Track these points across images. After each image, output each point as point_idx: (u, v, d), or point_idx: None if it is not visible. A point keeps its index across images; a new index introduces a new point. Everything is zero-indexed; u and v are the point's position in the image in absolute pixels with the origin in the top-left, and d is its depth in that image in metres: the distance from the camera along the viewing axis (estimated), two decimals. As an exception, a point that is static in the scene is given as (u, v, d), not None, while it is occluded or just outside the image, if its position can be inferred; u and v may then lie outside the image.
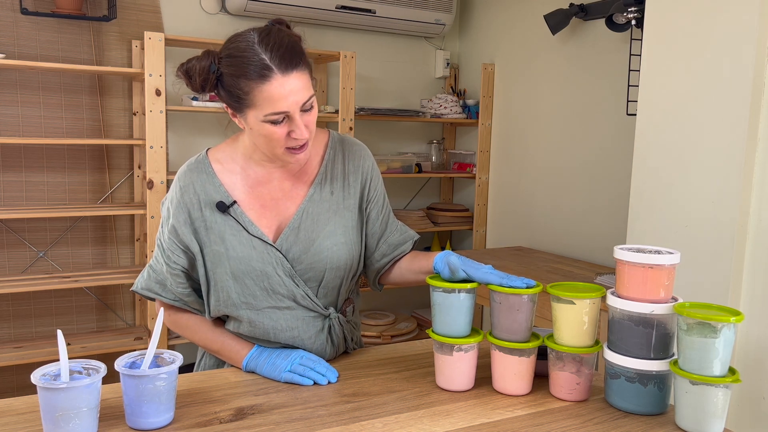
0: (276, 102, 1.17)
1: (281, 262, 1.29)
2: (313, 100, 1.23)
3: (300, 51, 1.22)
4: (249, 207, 1.31)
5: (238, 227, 1.28)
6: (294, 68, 1.18)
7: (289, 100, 1.18)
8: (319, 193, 1.34)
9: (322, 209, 1.33)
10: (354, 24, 3.31)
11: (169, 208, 1.31)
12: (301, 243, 1.30)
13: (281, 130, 1.20)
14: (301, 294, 1.31)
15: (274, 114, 1.18)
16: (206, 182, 1.30)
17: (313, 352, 1.34)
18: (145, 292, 1.35)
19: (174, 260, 1.30)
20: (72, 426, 0.97)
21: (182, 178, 1.32)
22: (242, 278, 1.27)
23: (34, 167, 2.83)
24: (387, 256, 1.42)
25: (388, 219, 1.43)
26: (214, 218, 1.28)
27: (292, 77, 1.18)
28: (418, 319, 3.54)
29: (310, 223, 1.32)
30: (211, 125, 3.14)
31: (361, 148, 1.42)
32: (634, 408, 1.14)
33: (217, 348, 1.35)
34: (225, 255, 1.27)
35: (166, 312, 1.36)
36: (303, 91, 1.20)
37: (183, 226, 1.29)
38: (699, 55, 1.72)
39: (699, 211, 1.72)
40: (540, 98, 3.14)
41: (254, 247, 1.28)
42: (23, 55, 2.73)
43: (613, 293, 1.17)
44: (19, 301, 2.85)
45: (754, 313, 1.63)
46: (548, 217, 3.12)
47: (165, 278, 1.32)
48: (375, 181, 1.41)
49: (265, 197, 1.32)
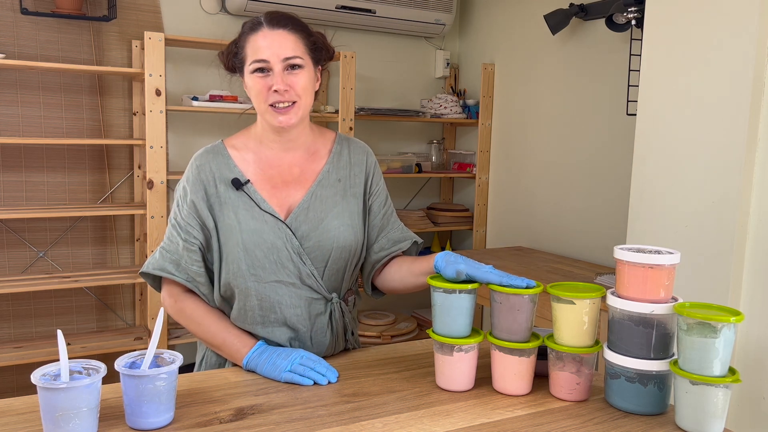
0: (258, 50, 1.31)
1: (290, 239, 1.34)
2: (301, 63, 1.32)
3: (295, 19, 1.36)
4: (261, 187, 1.38)
5: (251, 203, 1.35)
6: (282, 27, 1.32)
7: (271, 50, 1.30)
8: (327, 178, 1.42)
9: (330, 193, 1.41)
10: (354, 24, 3.31)
11: (186, 186, 1.38)
12: (310, 222, 1.37)
13: (263, 81, 1.31)
14: (307, 272, 1.35)
15: (256, 61, 1.31)
16: (221, 163, 1.39)
17: (314, 337, 1.37)
18: (157, 272, 1.36)
19: (194, 235, 1.35)
20: (72, 426, 0.97)
21: (198, 158, 1.40)
22: (253, 250, 1.33)
23: (34, 167, 2.83)
24: (385, 250, 1.46)
25: (390, 216, 1.49)
26: (228, 194, 1.36)
27: (278, 33, 1.31)
28: (418, 319, 3.54)
29: (318, 204, 1.39)
30: (211, 125, 3.14)
31: (365, 146, 1.51)
32: (634, 408, 1.14)
33: (218, 343, 1.35)
34: (237, 228, 1.33)
35: (172, 300, 1.38)
36: (286, 46, 1.31)
37: (200, 202, 1.36)
38: (699, 55, 1.72)
39: (699, 211, 1.72)
40: (540, 98, 3.15)
41: (266, 222, 1.34)
42: (23, 55, 2.74)
43: (613, 293, 1.17)
44: (19, 301, 2.86)
45: (754, 313, 1.63)
46: (548, 217, 3.12)
47: (180, 257, 1.36)
48: (377, 177, 1.49)
49: (276, 179, 1.39)
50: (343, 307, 1.43)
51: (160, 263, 1.37)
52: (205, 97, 2.86)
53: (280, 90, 1.30)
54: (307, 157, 1.43)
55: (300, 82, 1.32)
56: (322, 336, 1.39)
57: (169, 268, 1.36)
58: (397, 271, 1.45)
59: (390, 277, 1.47)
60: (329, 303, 1.40)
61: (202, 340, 1.39)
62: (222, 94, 2.89)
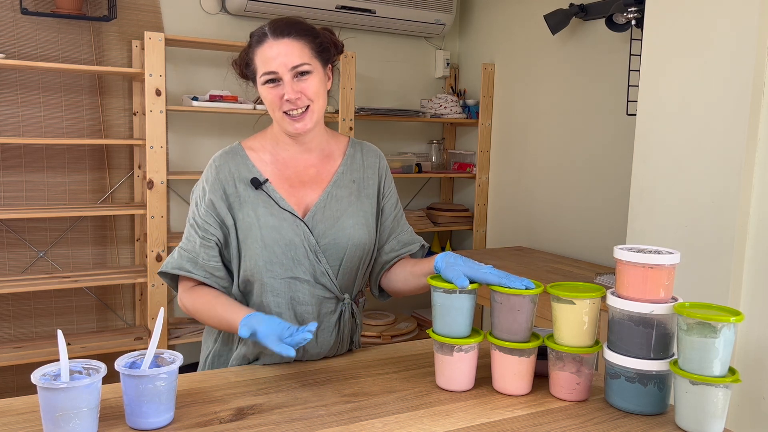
0: (266, 62, 1.33)
1: (307, 236, 1.37)
2: (309, 69, 1.34)
3: (298, 24, 1.36)
4: (279, 186, 1.41)
5: (271, 201, 1.38)
6: (286, 36, 1.33)
7: (278, 60, 1.32)
8: (342, 179, 1.45)
9: (345, 193, 1.44)
10: (354, 24, 3.31)
11: (204, 187, 1.40)
12: (327, 220, 1.40)
13: (275, 91, 1.33)
14: (322, 270, 1.38)
15: (266, 74, 1.33)
16: (240, 163, 1.41)
17: (319, 335, 1.39)
18: (175, 271, 1.37)
19: (211, 232, 1.37)
20: (72, 426, 0.97)
21: (217, 159, 1.42)
22: (272, 246, 1.34)
23: (34, 167, 2.83)
24: (394, 251, 1.49)
25: (401, 219, 1.53)
26: (247, 193, 1.38)
27: (283, 42, 1.33)
28: (418, 319, 3.54)
29: (334, 203, 1.42)
30: (212, 125, 3.14)
31: (377, 150, 1.54)
32: (634, 408, 1.14)
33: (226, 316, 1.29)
34: (257, 224, 1.35)
35: (187, 292, 1.37)
36: (292, 54, 1.32)
37: (219, 201, 1.38)
38: (699, 55, 1.72)
39: (699, 211, 1.72)
40: (540, 98, 3.14)
41: (285, 219, 1.37)
42: (23, 55, 2.74)
43: (613, 293, 1.17)
44: (19, 301, 2.86)
45: (754, 313, 1.63)
46: (548, 217, 3.12)
47: (197, 255, 1.37)
48: (389, 180, 1.53)
49: (293, 180, 1.42)
50: (354, 308, 1.45)
51: (178, 262, 1.37)
52: (205, 97, 2.86)
53: (292, 99, 1.32)
54: (322, 158, 1.45)
55: (310, 87, 1.34)
56: (328, 335, 1.40)
57: (186, 266, 1.36)
58: (400, 272, 1.47)
59: (395, 278, 1.48)
60: (341, 303, 1.42)
61: (214, 325, 1.35)
62: (222, 94, 2.89)
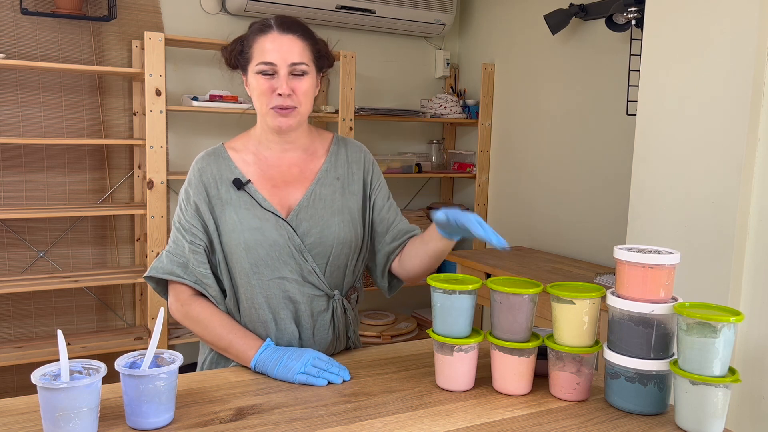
0: (266, 52, 1.33)
1: (292, 236, 1.36)
2: (306, 70, 1.35)
3: (303, 26, 1.38)
4: (262, 187, 1.40)
5: (253, 202, 1.37)
6: (292, 32, 1.34)
7: (279, 53, 1.32)
8: (326, 177, 1.44)
9: (330, 191, 1.43)
10: (354, 24, 3.31)
11: (188, 189, 1.40)
12: (311, 219, 1.39)
13: (268, 83, 1.33)
14: (309, 269, 1.37)
15: (263, 63, 1.33)
16: (222, 165, 1.41)
17: (316, 334, 1.39)
18: (166, 276, 1.36)
19: (198, 236, 1.37)
20: (72, 426, 0.97)
21: (200, 161, 1.42)
22: (255, 248, 1.34)
23: (34, 167, 2.83)
24: (397, 240, 1.48)
25: (397, 211, 1.52)
26: (229, 195, 1.38)
27: (288, 37, 1.34)
28: (418, 319, 3.54)
29: (319, 202, 1.41)
30: (211, 125, 3.14)
31: (361, 145, 1.54)
32: (634, 408, 1.14)
33: (225, 346, 1.34)
34: (239, 227, 1.35)
35: (179, 303, 1.37)
36: (294, 51, 1.33)
37: (203, 204, 1.38)
38: (699, 55, 1.72)
39: (699, 211, 1.72)
40: (540, 98, 3.14)
41: (267, 220, 1.36)
42: (23, 55, 2.74)
43: (613, 293, 1.17)
44: (19, 301, 2.86)
45: (754, 313, 1.63)
46: (548, 217, 3.12)
47: (187, 259, 1.36)
48: (376, 173, 1.51)
49: (277, 179, 1.41)
50: (345, 304, 1.44)
51: (167, 267, 1.36)
52: (205, 97, 2.86)
53: (284, 94, 1.33)
54: (306, 157, 1.45)
55: (303, 87, 1.35)
56: (325, 333, 1.41)
57: (177, 271, 1.36)
58: (411, 248, 1.45)
59: (407, 257, 1.45)
60: (331, 300, 1.41)
61: (209, 343, 1.37)
62: (222, 94, 2.89)
